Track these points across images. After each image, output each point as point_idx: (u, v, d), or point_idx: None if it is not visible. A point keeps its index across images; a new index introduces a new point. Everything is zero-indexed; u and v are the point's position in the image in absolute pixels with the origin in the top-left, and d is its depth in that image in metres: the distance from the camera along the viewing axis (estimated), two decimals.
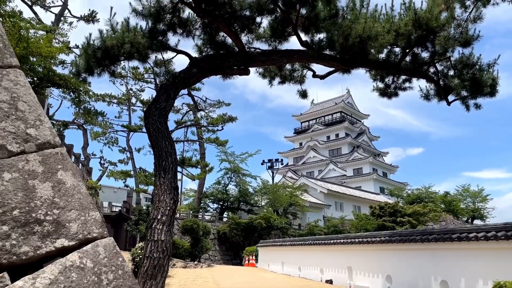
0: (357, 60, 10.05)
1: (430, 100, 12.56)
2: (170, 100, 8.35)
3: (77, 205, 1.96)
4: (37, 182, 1.87)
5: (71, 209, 1.91)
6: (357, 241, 12.30)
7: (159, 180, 7.58)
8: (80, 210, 1.95)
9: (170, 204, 7.36)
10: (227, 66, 8.97)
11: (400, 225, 35.52)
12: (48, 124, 2.16)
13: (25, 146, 1.97)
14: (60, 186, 1.94)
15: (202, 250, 23.96)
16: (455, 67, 11.48)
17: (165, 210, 7.25)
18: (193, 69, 8.83)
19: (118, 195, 48.47)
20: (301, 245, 16.38)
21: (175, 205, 7.46)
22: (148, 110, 8.22)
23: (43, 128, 2.11)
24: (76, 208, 1.94)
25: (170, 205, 7.32)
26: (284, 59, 9.10)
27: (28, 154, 1.95)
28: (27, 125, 2.04)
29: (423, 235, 9.65)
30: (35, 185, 1.86)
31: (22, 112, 2.06)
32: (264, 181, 41.11)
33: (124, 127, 31.14)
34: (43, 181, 1.90)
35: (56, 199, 1.89)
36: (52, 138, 2.11)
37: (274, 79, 10.87)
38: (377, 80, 12.50)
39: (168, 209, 7.27)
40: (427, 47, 11.25)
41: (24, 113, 2.07)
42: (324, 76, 10.88)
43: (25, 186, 1.82)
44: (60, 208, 1.88)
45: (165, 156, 7.81)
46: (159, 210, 7.25)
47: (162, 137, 7.96)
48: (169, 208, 7.29)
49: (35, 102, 2.19)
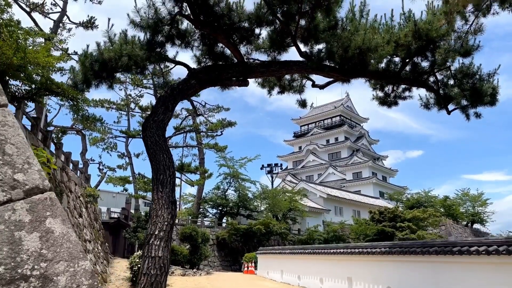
0: (356, 70, 10.00)
1: (430, 109, 12.53)
2: (168, 112, 8.27)
3: (66, 256, 1.87)
4: (24, 234, 1.79)
5: (59, 260, 1.83)
6: (357, 252, 12.20)
7: (157, 194, 7.49)
8: (69, 261, 1.86)
9: (167, 219, 7.27)
10: (226, 77, 8.91)
11: (399, 230, 35.38)
12: (37, 167, 2.07)
13: (12, 193, 1.88)
14: (48, 236, 1.86)
15: (201, 258, 23.81)
16: (455, 76, 11.44)
17: (162, 225, 7.15)
18: (191, 81, 8.76)
19: (117, 200, 48.30)
20: (300, 253, 16.27)
21: (173, 220, 7.37)
22: (145, 123, 8.14)
23: (31, 171, 2.03)
24: (65, 259, 1.85)
25: (168, 220, 7.23)
26: (283, 70, 9.05)
27: (15, 202, 1.87)
28: (14, 170, 1.96)
29: (424, 247, 9.56)
30: (22, 237, 1.77)
31: (10, 155, 1.98)
32: (263, 186, 41.02)
33: (122, 132, 31.07)
34: (30, 232, 1.82)
35: (44, 251, 1.80)
36: (41, 182, 2.02)
37: (273, 89, 10.80)
38: (376, 89, 12.46)
39: (165, 224, 7.18)
40: (427, 57, 11.20)
41: (11, 157, 1.99)
42: (324, 86, 10.82)
43: (11, 239, 1.74)
44: (48, 260, 1.79)
45: (163, 170, 7.73)
46: (157, 225, 7.16)
47: (160, 150, 7.88)
48: (167, 223, 7.20)
49: (23, 143, 2.10)
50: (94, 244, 17.54)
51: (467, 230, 56.08)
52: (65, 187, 14.50)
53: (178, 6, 7.92)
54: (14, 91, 12.96)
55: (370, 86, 12.38)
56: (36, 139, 12.24)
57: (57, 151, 15.15)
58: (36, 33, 13.90)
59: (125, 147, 34.10)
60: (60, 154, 15.24)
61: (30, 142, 11.54)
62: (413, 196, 55.17)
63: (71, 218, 14.04)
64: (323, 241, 36.64)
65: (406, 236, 34.66)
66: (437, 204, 52.76)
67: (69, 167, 16.54)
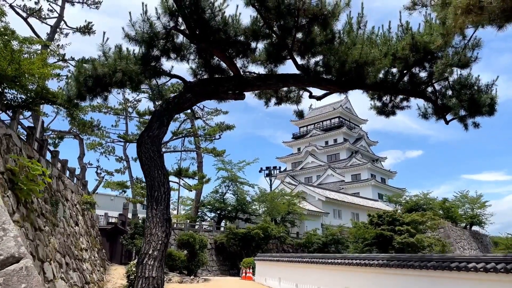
0: (353, 83, 9.93)
1: (428, 119, 12.47)
2: (163, 127, 8.18)
3: None
4: None
5: None
6: (355, 263, 12.13)
7: (151, 211, 7.41)
8: None
9: (162, 238, 7.18)
10: (222, 91, 8.83)
11: (398, 234, 35.23)
12: (13, 232, 1.99)
13: None
14: None
15: (198, 264, 23.69)
16: (453, 87, 11.37)
17: (156, 245, 7.07)
18: (187, 94, 8.67)
19: (115, 203, 48.08)
20: (298, 262, 16.19)
21: (167, 239, 7.28)
22: (140, 138, 8.05)
23: (6, 239, 1.94)
24: None
25: (162, 239, 7.14)
26: (280, 83, 8.97)
27: None
28: None
29: (422, 261, 9.48)
30: None
31: None
32: (262, 190, 40.90)
33: (120, 137, 30.91)
34: None
35: None
36: (16, 250, 1.94)
37: (270, 101, 10.72)
38: (374, 99, 12.40)
39: (160, 243, 7.09)
40: (425, 67, 11.15)
41: None
42: (321, 97, 10.74)
43: None
44: None
45: (157, 186, 7.65)
46: (151, 244, 7.08)
47: (155, 166, 7.80)
48: (161, 242, 7.11)
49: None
50: (91, 252, 17.43)
51: (465, 233, 56.04)
52: (61, 196, 14.39)
53: (173, 21, 7.83)
54: (10, 99, 12.84)
55: (368, 96, 12.33)
56: (31, 149, 12.13)
57: (53, 159, 15.03)
58: (32, 41, 13.78)
59: (123, 151, 33.99)
60: (56, 163, 15.12)
61: (26, 153, 11.43)
62: (412, 199, 55.04)
63: (67, 228, 13.94)
64: (321, 244, 36.50)
65: (405, 240, 34.58)
66: (436, 207, 52.66)
67: (66, 175, 16.42)
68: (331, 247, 36.46)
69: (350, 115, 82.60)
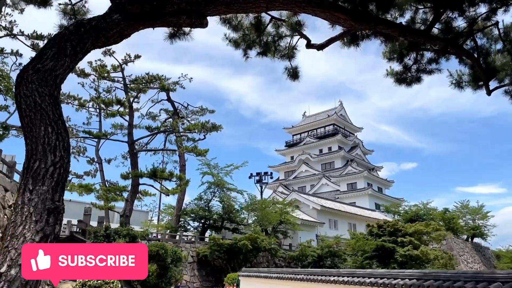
0: (372, 16, 6.82)
1: (464, 88, 9.54)
2: (65, 58, 4.86)
3: None
4: None
5: None
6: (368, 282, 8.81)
7: (23, 195, 4.06)
8: None
9: (34, 242, 3.84)
10: (171, 12, 5.58)
11: (400, 246, 32.07)
12: None
13: None
14: None
15: (170, 282, 19.97)
16: (505, 36, 8.36)
17: (19, 256, 3.72)
18: (113, 15, 5.42)
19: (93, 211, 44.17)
20: (290, 279, 12.79)
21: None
22: (21, 73, 4.73)
23: None
24: None
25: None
26: (261, 2, 5.71)
27: None
28: None
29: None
30: None
31: None
32: (252, 196, 37.40)
33: (85, 132, 27.26)
34: None
35: None
36: None
37: (251, 48, 7.48)
38: (393, 60, 9.40)
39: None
40: (464, 11, 8.25)
41: None
42: (322, 46, 7.57)
43: None
44: None
45: (42, 153, 4.31)
46: (9, 254, 3.73)
47: (42, 119, 4.47)
48: None
49: None
50: None
51: (468, 245, 52.97)
52: None
53: None
54: None
55: (384, 56, 9.36)
56: None
57: None
58: None
59: (95, 152, 30.37)
60: None
61: None
62: (411, 209, 52.18)
63: None
64: (316, 257, 33.13)
65: (409, 253, 31.37)
66: (436, 217, 49.68)
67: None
68: (327, 260, 33.08)
69: (345, 122, 79.84)
